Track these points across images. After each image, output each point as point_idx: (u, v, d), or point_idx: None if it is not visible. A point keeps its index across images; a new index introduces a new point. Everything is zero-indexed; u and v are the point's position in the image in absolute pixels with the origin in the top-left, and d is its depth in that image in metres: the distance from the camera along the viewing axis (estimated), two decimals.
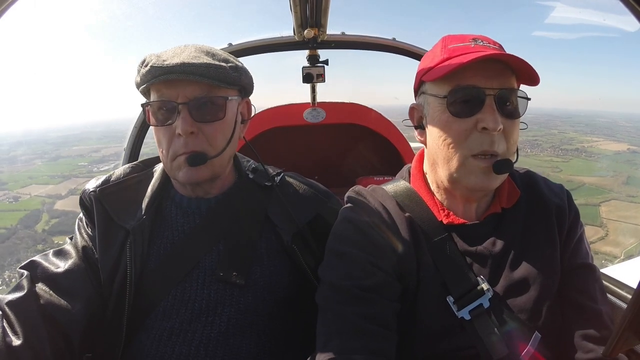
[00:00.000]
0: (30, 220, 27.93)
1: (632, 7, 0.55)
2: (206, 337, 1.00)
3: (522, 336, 0.90)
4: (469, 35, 0.96)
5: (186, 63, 0.95)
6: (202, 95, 1.00)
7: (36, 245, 24.15)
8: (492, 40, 0.95)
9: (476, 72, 0.89)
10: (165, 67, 0.95)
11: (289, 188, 1.19)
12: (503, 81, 0.90)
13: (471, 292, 0.92)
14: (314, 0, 1.48)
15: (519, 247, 0.96)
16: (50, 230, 25.32)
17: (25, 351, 0.87)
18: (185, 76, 0.96)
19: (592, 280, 0.99)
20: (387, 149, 2.90)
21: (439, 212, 0.99)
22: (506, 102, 0.90)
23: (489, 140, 0.89)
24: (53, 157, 42.69)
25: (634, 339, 0.68)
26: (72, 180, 33.34)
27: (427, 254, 0.95)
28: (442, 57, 0.94)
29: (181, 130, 0.98)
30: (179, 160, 1.02)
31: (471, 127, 0.90)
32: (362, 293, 0.88)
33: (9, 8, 0.55)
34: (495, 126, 0.87)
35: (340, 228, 1.00)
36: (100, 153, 37.78)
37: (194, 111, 0.99)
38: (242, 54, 1.92)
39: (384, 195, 1.04)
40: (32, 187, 33.91)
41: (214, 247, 1.07)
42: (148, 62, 0.99)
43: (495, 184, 0.93)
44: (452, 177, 0.94)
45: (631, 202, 31.57)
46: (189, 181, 1.04)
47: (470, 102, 0.89)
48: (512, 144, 0.92)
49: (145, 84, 0.99)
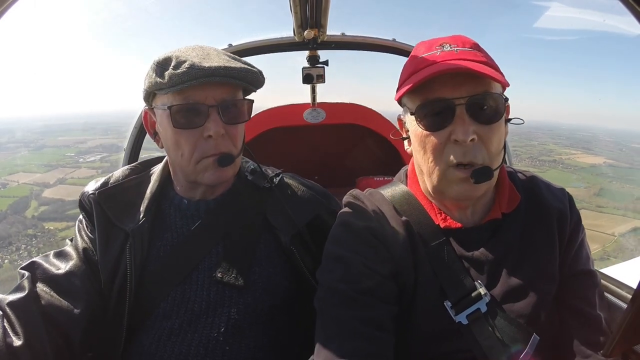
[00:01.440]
0: (19, 206, 28.06)
1: (632, 7, 0.55)
2: (205, 338, 1.00)
3: (520, 341, 0.90)
4: (439, 39, 0.94)
5: (228, 67, 0.97)
6: (230, 97, 1.02)
7: (27, 229, 24.28)
8: (464, 41, 0.92)
9: (443, 83, 0.86)
10: (207, 70, 0.94)
11: (288, 189, 1.19)
12: (473, 87, 0.86)
13: (468, 297, 0.91)
14: (314, 0, 1.48)
15: (517, 252, 0.95)
16: (40, 217, 25.42)
17: (26, 352, 0.87)
18: (227, 79, 0.97)
19: (592, 286, 0.99)
20: (387, 149, 2.90)
21: (436, 216, 0.99)
22: (481, 107, 0.87)
23: (462, 151, 0.87)
24: (39, 145, 42.74)
25: (634, 339, 0.68)
26: (59, 170, 33.40)
27: (424, 258, 0.95)
28: (410, 70, 0.93)
29: (213, 133, 0.99)
30: (205, 162, 1.02)
31: (445, 139, 0.88)
32: (359, 296, 0.88)
33: (9, 8, 0.55)
34: (465, 138, 0.85)
35: (337, 232, 1.00)
36: (86, 145, 37.97)
37: (223, 113, 1.01)
38: (242, 54, 1.92)
39: (381, 200, 1.03)
40: (19, 175, 34.02)
41: (213, 248, 1.07)
42: (180, 62, 0.95)
43: (479, 191, 0.91)
44: (435, 188, 0.94)
45: (600, 212, 33.21)
46: (216, 182, 1.06)
47: (442, 114, 0.88)
48: (495, 149, 0.90)
49: (180, 86, 0.95)
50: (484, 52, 0.92)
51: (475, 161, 0.87)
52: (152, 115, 1.08)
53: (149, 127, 1.12)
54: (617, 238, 28.21)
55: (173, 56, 0.98)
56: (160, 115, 1.04)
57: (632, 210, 33.27)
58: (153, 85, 1.00)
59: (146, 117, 1.11)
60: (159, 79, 0.97)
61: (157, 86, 0.99)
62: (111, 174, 1.17)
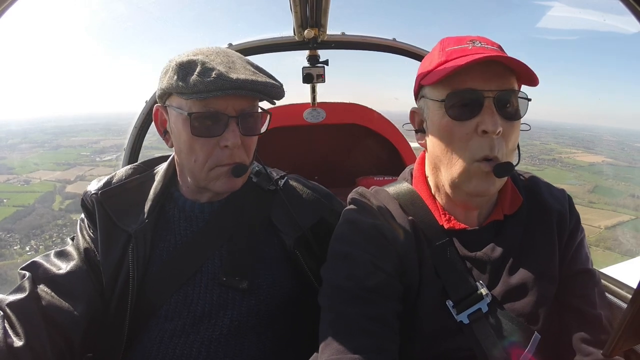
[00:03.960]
0: (45, 200, 29.54)
1: (632, 7, 0.55)
2: (207, 340, 1.00)
3: (521, 340, 0.90)
4: (467, 37, 0.95)
5: (255, 81, 0.96)
6: (249, 108, 1.01)
7: (56, 220, 25.79)
8: (491, 41, 0.94)
9: (474, 75, 0.88)
10: (235, 82, 0.92)
11: (293, 192, 1.18)
12: (502, 82, 0.88)
13: (470, 297, 0.92)
14: (314, 0, 1.48)
15: (518, 253, 0.96)
16: (67, 209, 26.83)
17: (26, 352, 0.87)
18: (252, 93, 0.96)
19: (592, 285, 0.99)
20: (387, 149, 2.90)
21: (440, 217, 0.99)
22: (506, 103, 0.89)
23: (489, 145, 0.88)
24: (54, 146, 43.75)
25: (634, 339, 0.68)
26: (77, 168, 34.80)
27: (428, 258, 0.95)
28: (440, 60, 0.93)
29: (231, 144, 0.98)
30: (218, 171, 1.02)
31: (472, 130, 0.89)
32: (365, 293, 0.88)
33: (9, 8, 0.55)
34: (494, 129, 0.86)
35: (342, 229, 1.00)
36: (100, 144, 39.11)
37: (242, 124, 1.00)
38: (243, 54, 1.91)
39: (386, 197, 1.04)
40: (39, 173, 35.29)
41: (217, 251, 1.07)
42: (207, 70, 0.93)
43: (495, 189, 0.93)
44: (453, 182, 0.94)
45: (590, 207, 34.67)
46: (227, 190, 1.06)
47: (469, 105, 0.89)
48: (512, 147, 0.92)
49: (205, 94, 0.92)
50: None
51: (499, 156, 0.88)
52: (164, 113, 1.06)
53: (159, 125, 1.09)
54: (602, 230, 29.32)
55: (198, 61, 0.94)
56: (175, 117, 1.01)
57: (621, 206, 34.68)
58: (172, 87, 0.96)
59: (157, 115, 1.08)
60: (180, 82, 0.94)
61: (177, 89, 0.95)
62: (114, 174, 1.16)
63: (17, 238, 22.63)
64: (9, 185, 32.44)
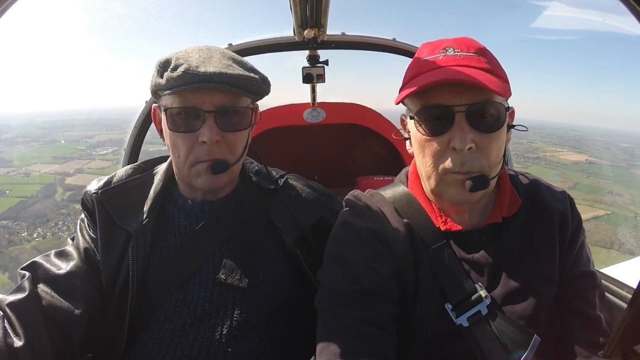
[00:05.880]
0: (48, 191, 30.12)
1: (632, 7, 0.55)
2: (208, 339, 1.00)
3: (521, 342, 0.90)
4: (444, 42, 0.92)
5: (223, 73, 0.94)
6: (229, 104, 1.00)
7: (60, 209, 26.40)
8: (468, 45, 0.90)
9: (443, 89, 0.85)
10: (202, 75, 0.92)
11: (293, 191, 1.18)
12: (473, 95, 0.85)
13: (469, 300, 0.91)
14: (314, 0, 1.48)
15: (517, 254, 0.96)
16: (69, 199, 27.47)
17: (27, 352, 0.87)
18: (221, 86, 0.94)
19: (592, 287, 0.99)
20: (387, 149, 2.90)
21: (437, 219, 0.98)
22: (482, 115, 0.86)
23: (460, 161, 0.86)
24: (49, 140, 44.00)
25: (634, 339, 0.68)
26: (75, 162, 35.37)
27: (425, 261, 0.95)
28: (412, 73, 0.92)
29: (207, 139, 0.97)
30: (199, 167, 1.01)
31: (444, 145, 0.88)
32: (361, 297, 0.88)
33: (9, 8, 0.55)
34: (462, 146, 0.84)
35: (338, 232, 0.99)
36: (94, 139, 39.84)
37: (220, 119, 0.99)
38: (243, 54, 1.92)
39: (382, 201, 1.03)
40: (38, 166, 35.82)
41: (217, 250, 1.07)
42: (177, 65, 0.94)
43: (475, 197, 0.91)
44: (434, 191, 0.94)
45: None
46: (208, 188, 1.05)
47: (442, 120, 0.87)
48: (494, 158, 0.89)
49: (175, 89, 0.94)
50: (489, 57, 0.91)
51: (472, 170, 0.87)
52: (159, 112, 1.07)
53: (157, 124, 1.11)
54: None
55: (173, 58, 0.97)
56: (161, 114, 1.04)
57: (598, 202, 35.37)
58: (154, 85, 1.00)
59: (155, 114, 1.10)
60: (159, 79, 0.97)
61: (157, 87, 0.99)
62: (114, 173, 1.16)
63: (24, 226, 23.24)
64: (9, 178, 32.94)
